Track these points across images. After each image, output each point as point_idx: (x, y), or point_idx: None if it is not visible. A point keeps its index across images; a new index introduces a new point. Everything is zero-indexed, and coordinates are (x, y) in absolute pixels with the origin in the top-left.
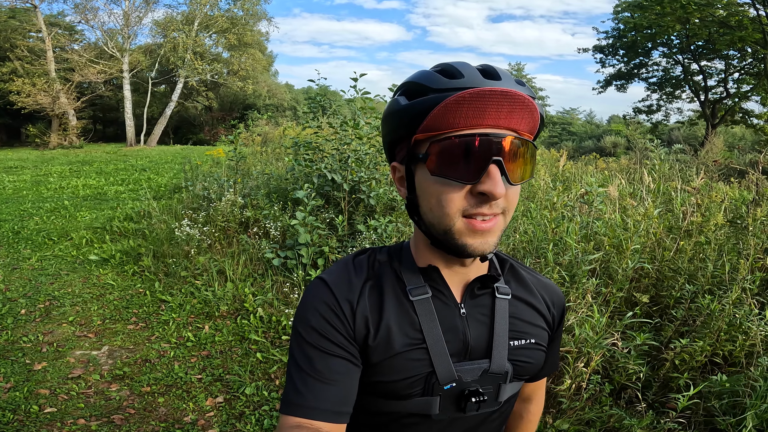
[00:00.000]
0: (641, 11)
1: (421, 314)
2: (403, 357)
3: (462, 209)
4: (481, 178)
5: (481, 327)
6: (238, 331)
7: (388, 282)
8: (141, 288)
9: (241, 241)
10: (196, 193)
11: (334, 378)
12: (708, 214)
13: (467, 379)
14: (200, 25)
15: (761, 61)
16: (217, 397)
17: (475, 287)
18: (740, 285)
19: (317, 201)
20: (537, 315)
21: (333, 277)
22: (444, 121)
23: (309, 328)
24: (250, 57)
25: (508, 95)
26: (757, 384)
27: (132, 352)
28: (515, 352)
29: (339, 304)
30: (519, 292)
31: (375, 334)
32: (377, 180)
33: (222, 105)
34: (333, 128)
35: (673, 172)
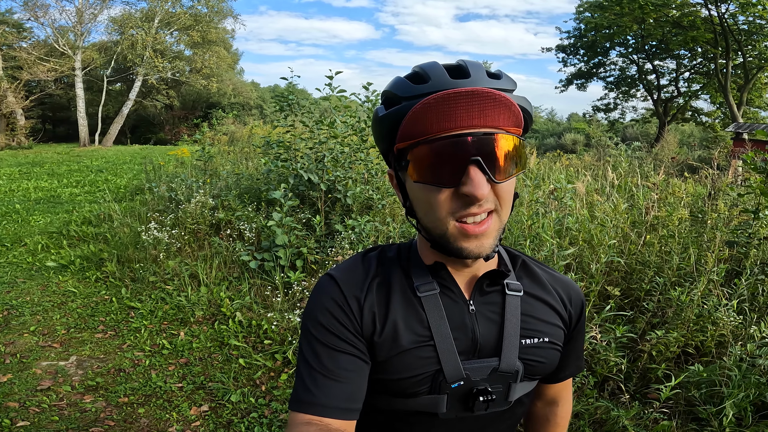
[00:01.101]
0: (601, 11)
1: (429, 310)
2: (411, 354)
3: (451, 212)
4: (462, 179)
5: (491, 324)
6: (216, 337)
7: (396, 278)
8: (106, 295)
9: (213, 243)
10: (161, 195)
11: (343, 375)
12: (670, 209)
13: (476, 377)
14: (161, 22)
15: (711, 60)
16: (202, 405)
17: (484, 284)
18: (707, 276)
19: (294, 201)
20: (552, 312)
21: (341, 273)
22: (417, 128)
23: (318, 325)
24: (215, 54)
25: (476, 94)
26: (732, 373)
27: (103, 362)
28: (527, 351)
29: (347, 300)
30: (532, 288)
31: (381, 331)
32: (353, 179)
33: (184, 103)
34: (307, 127)
35: (633, 168)
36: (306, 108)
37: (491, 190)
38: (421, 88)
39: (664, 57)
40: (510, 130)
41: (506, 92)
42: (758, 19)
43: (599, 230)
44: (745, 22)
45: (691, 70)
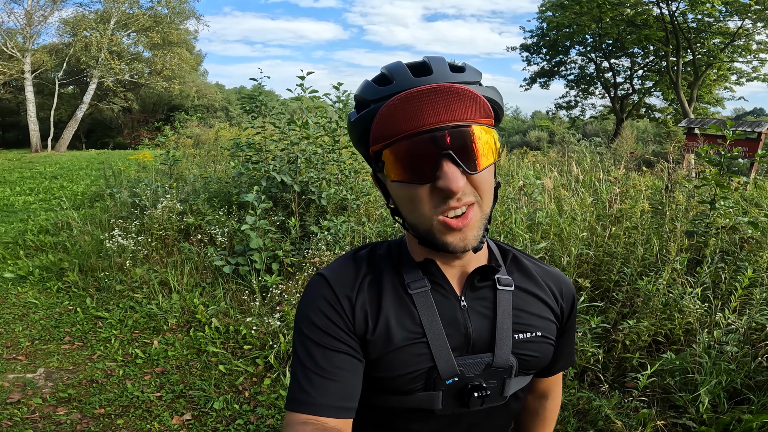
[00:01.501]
0: (562, 10)
1: (421, 307)
2: (404, 351)
3: (432, 207)
4: (437, 174)
5: (483, 320)
6: (193, 344)
7: (387, 276)
8: (70, 305)
9: (183, 249)
10: (123, 201)
11: (338, 374)
12: (632, 202)
13: (470, 373)
14: (117, 23)
15: (662, 58)
16: (184, 414)
17: (475, 279)
18: (671, 266)
19: (267, 204)
20: (543, 306)
21: (333, 273)
22: (387, 129)
23: (310, 325)
24: (176, 56)
25: (439, 90)
26: (703, 360)
27: (73, 373)
28: (520, 346)
29: (339, 299)
30: (523, 283)
31: (374, 329)
32: (327, 180)
33: (144, 106)
34: (278, 128)
35: (594, 163)
36: (276, 109)
37: (468, 183)
38: (386, 90)
39: (620, 55)
40: (480, 121)
41: (471, 84)
42: (707, 17)
43: (568, 224)
44: (694, 20)
45: (645, 68)
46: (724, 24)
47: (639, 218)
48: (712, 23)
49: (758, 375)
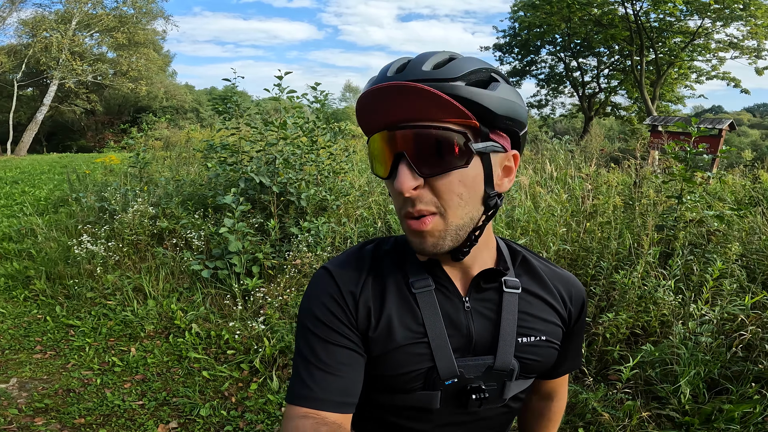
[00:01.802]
0: (534, 10)
1: (424, 307)
2: (404, 351)
3: (398, 207)
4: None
5: (487, 322)
6: (173, 351)
7: (391, 273)
8: (39, 314)
9: (157, 254)
10: (90, 206)
11: (339, 368)
12: (604, 197)
13: (469, 375)
14: (79, 23)
15: (627, 57)
16: (170, 422)
17: (481, 281)
18: (644, 259)
19: (245, 206)
20: (550, 310)
21: (337, 267)
22: (361, 123)
23: (313, 319)
24: (143, 56)
25: (391, 89)
26: (681, 351)
27: (48, 383)
28: (523, 349)
29: (342, 294)
30: (531, 285)
31: (376, 326)
32: (306, 181)
33: (108, 108)
34: (255, 129)
35: (566, 161)
36: (252, 110)
37: (427, 188)
38: (368, 84)
39: (587, 54)
40: (448, 121)
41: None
42: (668, 16)
43: (545, 220)
44: (656, 20)
45: (610, 67)
46: (684, 23)
47: (612, 213)
48: (674, 23)
49: (734, 365)
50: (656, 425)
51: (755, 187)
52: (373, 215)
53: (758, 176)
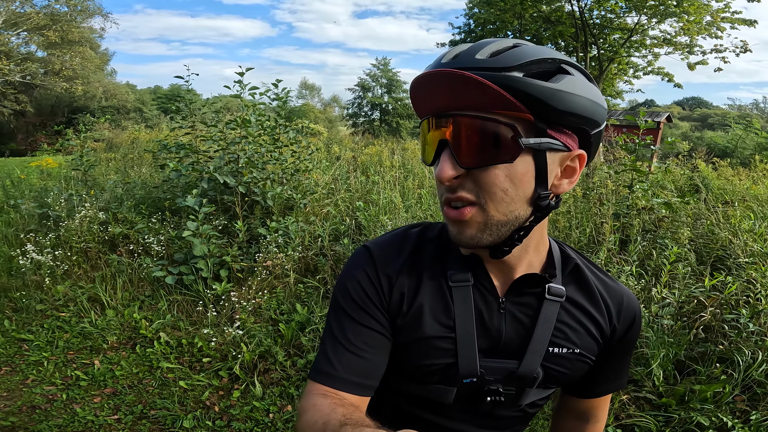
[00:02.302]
0: (488, 7)
1: (457, 302)
2: (430, 343)
3: (440, 193)
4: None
5: (520, 327)
6: (142, 362)
7: (431, 262)
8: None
9: (111, 261)
10: (30, 213)
11: (364, 350)
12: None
13: (489, 376)
14: (5, 22)
15: (572, 53)
16: None
17: (522, 285)
18: (606, 245)
19: (210, 207)
20: (591, 324)
21: (378, 248)
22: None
23: (347, 297)
24: (78, 55)
25: (438, 75)
26: (648, 335)
27: (9, 400)
28: (551, 359)
29: (378, 276)
30: (577, 296)
31: (406, 313)
32: (272, 180)
33: (39, 109)
34: (214, 127)
35: None
36: (205, 108)
37: (469, 178)
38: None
39: None
40: (498, 113)
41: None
42: (609, 13)
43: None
44: (598, 16)
45: None
46: (623, 20)
47: (572, 203)
48: (614, 19)
49: (697, 346)
50: (636, 407)
51: (695, 176)
52: (341, 213)
53: (697, 165)
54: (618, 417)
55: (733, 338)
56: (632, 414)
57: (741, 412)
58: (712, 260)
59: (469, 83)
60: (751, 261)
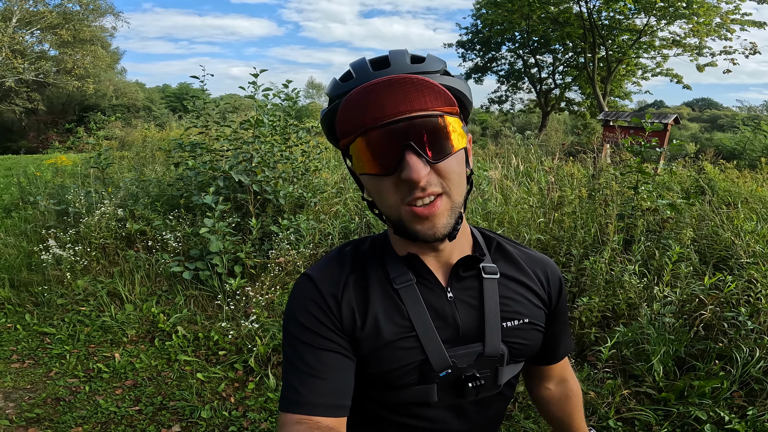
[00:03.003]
0: (496, 8)
1: (407, 302)
2: (394, 346)
3: (400, 198)
4: (401, 166)
5: (471, 310)
6: (160, 354)
7: (373, 272)
8: (8, 323)
9: (129, 257)
10: (49, 209)
11: (329, 373)
12: (570, 189)
13: (462, 364)
14: (20, 21)
15: (580, 54)
16: (172, 426)
17: (460, 269)
18: (610, 246)
19: (225, 205)
20: (529, 293)
21: (317, 272)
22: (350, 123)
23: (299, 326)
24: (89, 54)
25: (394, 81)
26: (649, 332)
27: (33, 392)
28: (509, 333)
29: (324, 298)
30: (508, 270)
31: (362, 325)
32: (283, 179)
33: (51, 107)
34: (228, 127)
35: (530, 155)
36: (220, 107)
37: (432, 172)
38: (347, 85)
39: (544, 52)
40: (442, 109)
41: (431, 73)
42: (618, 14)
43: (517, 212)
44: (606, 18)
45: (565, 64)
46: (632, 21)
47: (577, 204)
48: (622, 20)
49: (697, 344)
50: (636, 402)
51: (701, 178)
52: (350, 211)
53: (703, 167)
54: (619, 410)
55: (732, 336)
56: (632, 408)
57: (738, 407)
58: (714, 261)
59: (424, 86)
60: (753, 261)
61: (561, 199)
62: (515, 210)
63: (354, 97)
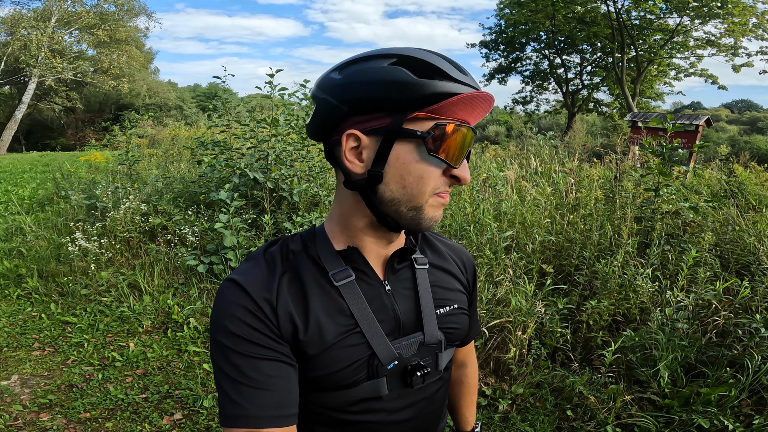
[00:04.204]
0: (519, 8)
1: (349, 298)
2: (340, 345)
3: (435, 188)
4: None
5: (408, 301)
6: (172, 345)
7: (308, 271)
8: (33, 311)
9: (150, 250)
10: (79, 204)
11: (269, 382)
12: (586, 191)
13: (406, 354)
14: (59, 21)
15: (609, 54)
16: (174, 414)
17: (395, 261)
18: (624, 249)
19: (240, 202)
20: (454, 280)
21: (245, 276)
22: (452, 110)
23: (230, 335)
24: (125, 54)
25: (488, 99)
26: (659, 337)
27: (49, 379)
28: (443, 320)
29: (257, 304)
30: (435, 259)
31: (305, 328)
32: (298, 177)
33: (88, 106)
34: (247, 126)
35: (551, 156)
36: (241, 107)
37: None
38: (466, 79)
39: (570, 52)
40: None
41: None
42: (649, 14)
43: (531, 213)
44: (637, 17)
45: (593, 64)
46: (664, 21)
47: (593, 206)
48: (653, 20)
49: (709, 350)
50: (638, 408)
51: (730, 181)
52: None
53: (733, 170)
54: (619, 416)
55: (746, 343)
56: (634, 414)
57: (745, 416)
58: (737, 266)
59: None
60: None
61: (577, 200)
62: (529, 211)
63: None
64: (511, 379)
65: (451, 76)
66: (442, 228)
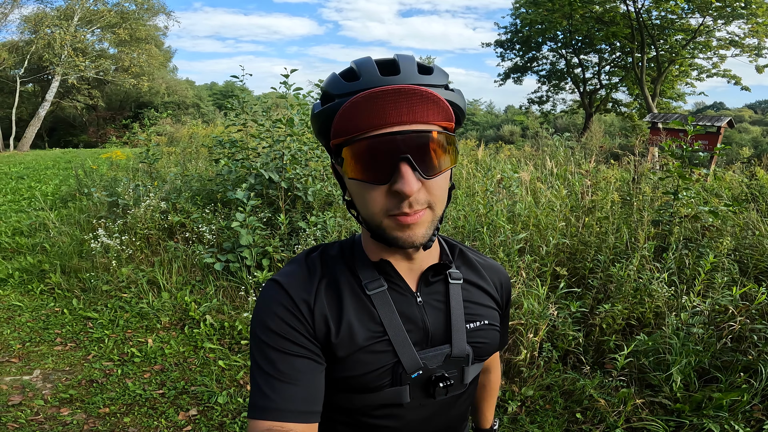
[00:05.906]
0: (535, 7)
1: (380, 307)
2: (367, 350)
3: (384, 210)
4: (393, 177)
5: (438, 313)
6: (188, 341)
7: (344, 278)
8: (56, 307)
9: (169, 248)
10: (101, 201)
11: (299, 378)
12: (602, 193)
13: (432, 365)
14: (81, 20)
15: (628, 54)
16: (189, 410)
17: (429, 275)
18: (640, 253)
19: (256, 201)
20: (487, 297)
21: (287, 278)
22: (349, 125)
23: (268, 332)
24: (145, 52)
25: (403, 92)
26: (673, 341)
27: (70, 374)
28: (472, 334)
29: (296, 304)
30: (469, 275)
31: (337, 331)
32: (313, 177)
33: (110, 103)
34: (263, 126)
35: (567, 157)
36: (258, 106)
37: (423, 188)
38: (352, 86)
39: (588, 51)
40: (441, 125)
41: (436, 87)
42: (670, 14)
43: (545, 215)
44: (657, 17)
45: (611, 64)
46: (686, 21)
47: (609, 209)
48: (675, 20)
49: (724, 355)
50: (649, 412)
51: (751, 184)
52: None
53: (755, 173)
54: (629, 420)
55: (761, 348)
56: (644, 418)
57: (756, 421)
58: (756, 272)
59: (430, 100)
60: None
61: (593, 203)
62: (543, 213)
63: (360, 101)
64: (521, 381)
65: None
66: (455, 229)
